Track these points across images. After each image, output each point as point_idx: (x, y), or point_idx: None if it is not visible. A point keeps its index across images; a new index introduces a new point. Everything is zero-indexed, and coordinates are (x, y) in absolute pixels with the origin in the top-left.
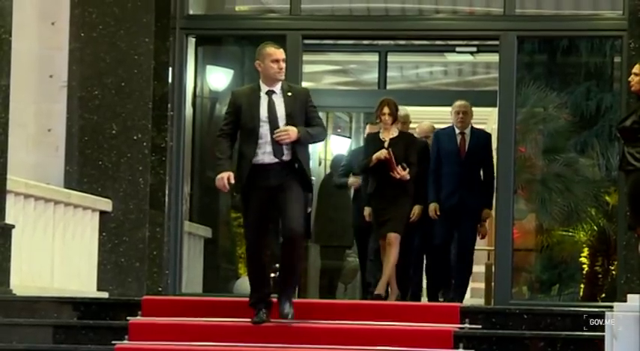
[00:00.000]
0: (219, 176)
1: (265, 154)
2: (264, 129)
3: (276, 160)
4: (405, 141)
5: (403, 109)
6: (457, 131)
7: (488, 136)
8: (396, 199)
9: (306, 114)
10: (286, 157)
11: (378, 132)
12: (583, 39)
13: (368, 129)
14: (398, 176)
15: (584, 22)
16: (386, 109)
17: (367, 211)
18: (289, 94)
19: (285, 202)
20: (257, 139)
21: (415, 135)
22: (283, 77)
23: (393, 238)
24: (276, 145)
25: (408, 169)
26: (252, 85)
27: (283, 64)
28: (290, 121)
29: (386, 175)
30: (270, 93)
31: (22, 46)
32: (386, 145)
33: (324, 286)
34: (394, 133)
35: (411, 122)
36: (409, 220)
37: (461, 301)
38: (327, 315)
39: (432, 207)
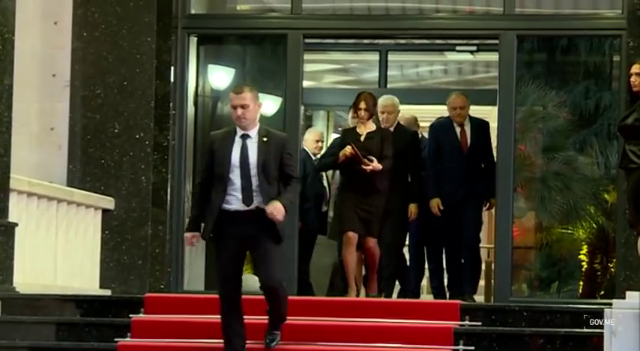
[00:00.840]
0: (185, 235)
1: (235, 201)
2: (235, 174)
3: (247, 207)
4: (381, 135)
5: (409, 113)
6: (456, 124)
7: (487, 124)
8: (368, 196)
9: (280, 161)
10: (257, 205)
11: (355, 127)
12: (582, 38)
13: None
14: (368, 169)
15: (584, 21)
16: (362, 105)
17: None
18: (265, 139)
19: (260, 256)
20: (226, 185)
21: None
22: (245, 124)
23: (372, 243)
24: (246, 192)
25: (374, 161)
26: (229, 128)
27: (241, 111)
28: (261, 168)
29: (356, 171)
30: (244, 137)
31: (25, 45)
32: (362, 139)
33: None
34: (371, 127)
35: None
36: (405, 219)
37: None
38: (329, 312)
39: (435, 203)
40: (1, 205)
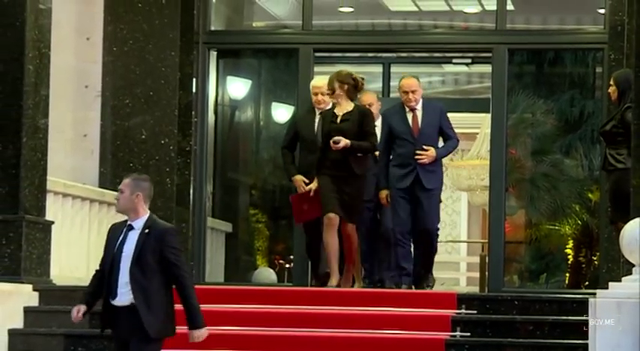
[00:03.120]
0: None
1: (115, 295)
2: (115, 267)
3: (126, 303)
4: (359, 114)
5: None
6: (407, 109)
7: (441, 108)
8: (346, 180)
9: (161, 254)
10: (130, 301)
11: (333, 107)
12: (568, 51)
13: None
14: (336, 147)
15: (569, 35)
16: (336, 85)
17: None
18: (146, 231)
19: None
20: (107, 276)
21: None
22: (120, 209)
23: (350, 228)
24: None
25: (341, 139)
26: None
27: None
28: (138, 261)
29: (331, 152)
30: (129, 228)
31: (60, 59)
32: (338, 120)
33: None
34: (348, 107)
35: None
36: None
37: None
38: (333, 301)
39: (383, 194)
40: (39, 205)
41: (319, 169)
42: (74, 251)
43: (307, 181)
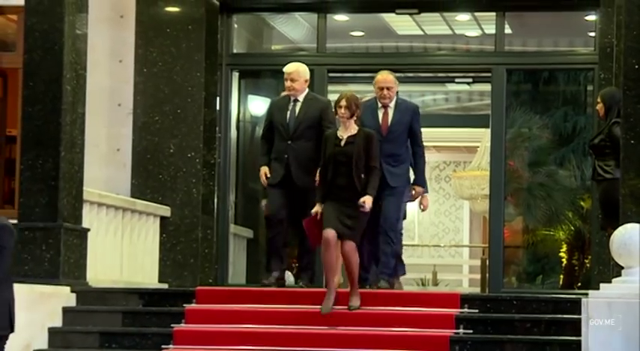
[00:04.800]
0: None
1: None
2: None
3: None
4: (364, 137)
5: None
6: (379, 105)
7: (414, 108)
8: (350, 206)
9: None
10: None
11: (337, 130)
12: (561, 71)
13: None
14: (365, 210)
15: (562, 56)
16: (343, 102)
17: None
18: None
19: None
20: None
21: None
22: None
23: (349, 246)
24: None
25: (365, 201)
26: None
27: None
28: None
29: (340, 174)
30: None
31: (95, 80)
32: (342, 143)
33: None
34: (352, 130)
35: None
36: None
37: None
38: (345, 301)
39: None
40: (76, 214)
41: (326, 196)
42: (108, 256)
43: (269, 175)
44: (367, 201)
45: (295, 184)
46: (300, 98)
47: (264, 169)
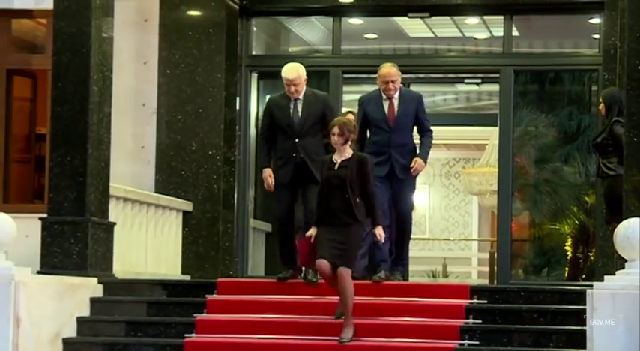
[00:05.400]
0: None
1: None
2: None
3: None
4: (358, 161)
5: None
6: (384, 97)
7: (419, 97)
8: (342, 232)
9: None
10: None
11: (332, 155)
12: (566, 72)
13: None
14: (380, 240)
15: (567, 58)
16: (335, 129)
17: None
18: None
19: None
20: None
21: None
22: None
23: (342, 271)
24: None
25: (379, 231)
26: None
27: None
28: None
29: (335, 197)
30: None
31: (121, 81)
32: (336, 167)
33: None
34: (347, 154)
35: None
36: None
37: (404, 275)
38: (361, 292)
39: None
40: (103, 208)
41: (320, 220)
42: (133, 249)
43: (272, 176)
44: (379, 231)
45: (310, 178)
46: (300, 96)
47: (268, 171)
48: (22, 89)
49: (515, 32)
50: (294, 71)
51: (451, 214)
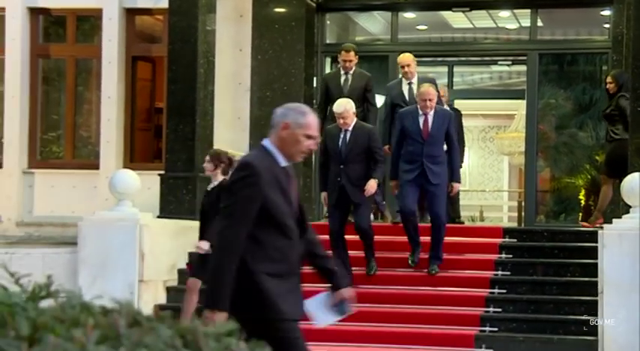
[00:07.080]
0: None
1: None
2: None
3: None
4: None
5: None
6: (420, 113)
7: (450, 115)
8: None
9: None
10: None
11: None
12: (581, 55)
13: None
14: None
15: (582, 43)
16: (207, 158)
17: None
18: None
19: None
20: None
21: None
22: None
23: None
24: None
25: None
26: None
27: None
28: None
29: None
30: None
31: (221, 65)
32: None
33: None
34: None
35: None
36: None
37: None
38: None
39: (393, 184)
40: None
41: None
42: None
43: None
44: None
45: (349, 200)
46: (350, 128)
47: (324, 195)
48: (144, 72)
49: (539, 23)
50: (342, 106)
51: (486, 171)
